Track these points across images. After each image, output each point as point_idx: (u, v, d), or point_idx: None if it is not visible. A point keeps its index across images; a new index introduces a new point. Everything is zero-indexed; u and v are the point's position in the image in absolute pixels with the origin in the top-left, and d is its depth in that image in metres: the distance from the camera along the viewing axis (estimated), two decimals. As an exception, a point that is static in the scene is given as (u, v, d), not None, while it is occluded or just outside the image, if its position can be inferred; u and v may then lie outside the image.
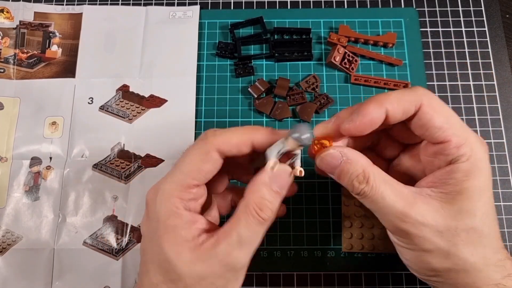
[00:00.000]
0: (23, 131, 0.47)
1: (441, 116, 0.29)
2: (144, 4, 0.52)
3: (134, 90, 0.48)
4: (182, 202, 0.29)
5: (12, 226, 0.44)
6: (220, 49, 0.50)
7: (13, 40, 0.50)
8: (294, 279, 0.42)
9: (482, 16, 0.51)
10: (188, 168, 0.30)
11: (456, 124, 0.29)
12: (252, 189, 0.29)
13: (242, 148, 0.30)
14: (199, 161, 0.30)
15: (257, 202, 0.28)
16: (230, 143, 0.30)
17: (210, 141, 0.30)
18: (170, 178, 0.30)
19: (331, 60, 0.48)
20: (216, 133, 0.30)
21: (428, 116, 0.29)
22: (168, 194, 0.29)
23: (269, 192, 0.29)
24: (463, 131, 0.29)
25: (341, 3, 0.52)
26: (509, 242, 0.43)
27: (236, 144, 0.30)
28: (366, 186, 0.29)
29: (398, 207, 0.28)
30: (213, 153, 0.30)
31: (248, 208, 0.28)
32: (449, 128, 0.29)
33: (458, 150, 0.28)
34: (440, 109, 0.29)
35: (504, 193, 0.44)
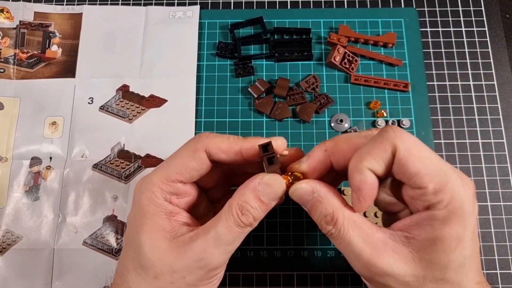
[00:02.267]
0: (23, 131, 0.47)
1: (417, 160, 0.26)
2: (144, 4, 0.52)
3: (134, 90, 0.48)
4: (163, 193, 0.30)
5: (12, 226, 0.44)
6: (220, 49, 0.50)
7: (13, 40, 0.50)
8: (294, 279, 0.42)
9: (482, 16, 0.51)
10: (174, 162, 0.30)
11: (434, 168, 0.26)
12: (239, 191, 0.29)
13: (230, 154, 0.30)
14: (186, 157, 0.30)
15: (240, 205, 0.28)
16: (219, 147, 0.30)
17: (201, 141, 0.30)
18: (156, 170, 0.31)
19: (331, 60, 0.48)
20: (209, 136, 0.30)
21: (402, 162, 0.26)
22: (150, 183, 0.30)
23: (255, 199, 0.28)
24: (442, 176, 0.26)
25: (341, 3, 0.52)
26: (509, 242, 0.43)
27: (225, 150, 0.30)
28: (333, 229, 0.28)
29: (365, 255, 0.27)
30: (201, 152, 0.30)
31: (230, 209, 0.28)
32: (426, 174, 0.26)
33: (435, 196, 0.26)
34: (416, 152, 0.26)
35: (504, 193, 0.44)
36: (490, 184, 0.45)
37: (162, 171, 0.30)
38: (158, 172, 0.30)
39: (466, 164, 0.45)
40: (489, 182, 0.45)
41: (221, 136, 0.31)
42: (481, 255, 0.42)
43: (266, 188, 0.29)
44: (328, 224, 0.28)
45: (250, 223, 0.29)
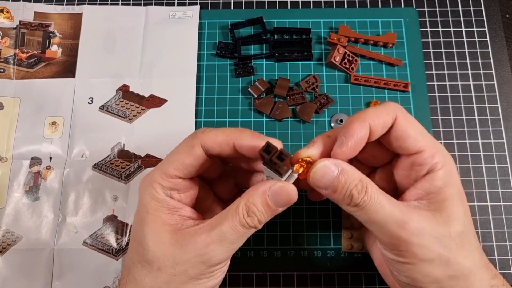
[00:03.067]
0: (23, 131, 0.47)
1: (414, 128, 0.30)
2: (144, 4, 0.52)
3: (134, 90, 0.48)
4: (163, 189, 0.31)
5: (12, 226, 0.44)
6: (220, 49, 0.50)
7: (13, 40, 0.50)
8: (294, 279, 0.42)
9: (482, 16, 0.51)
10: (172, 158, 0.31)
11: (427, 136, 0.31)
12: (249, 193, 0.29)
13: (224, 147, 0.31)
14: (183, 153, 0.31)
15: (247, 206, 0.29)
16: (214, 141, 0.31)
17: (197, 136, 0.31)
18: (157, 167, 0.32)
19: (331, 60, 0.48)
20: (205, 131, 0.31)
21: (403, 127, 0.30)
22: (151, 180, 0.31)
23: (263, 203, 0.29)
24: (433, 142, 0.31)
25: (341, 3, 0.52)
26: (509, 242, 0.43)
27: (219, 143, 0.31)
28: (365, 195, 0.28)
29: (398, 215, 0.28)
30: (197, 148, 0.31)
31: (238, 209, 0.29)
32: (422, 139, 0.30)
33: (432, 158, 0.30)
34: (413, 122, 0.31)
35: (504, 193, 0.44)
36: (490, 184, 0.45)
37: (161, 167, 0.31)
38: (158, 169, 0.31)
39: (466, 164, 0.45)
40: (489, 182, 0.45)
41: (216, 130, 0.31)
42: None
43: (275, 195, 0.29)
44: (360, 192, 0.28)
45: (255, 226, 0.29)
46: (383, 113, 0.30)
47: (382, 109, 0.30)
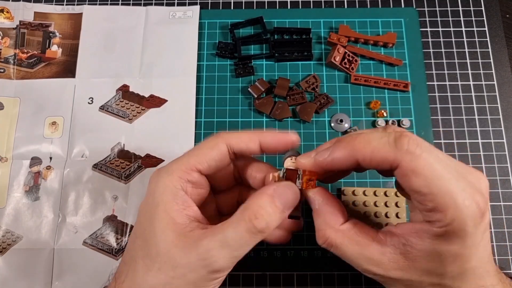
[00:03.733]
0: (23, 131, 0.47)
1: (421, 179, 0.25)
2: (144, 4, 0.52)
3: (134, 90, 0.48)
4: (180, 181, 0.30)
5: (12, 226, 0.44)
6: (220, 49, 0.50)
7: (13, 40, 0.50)
8: (294, 279, 0.42)
9: (482, 16, 0.51)
10: (194, 152, 0.31)
11: (438, 190, 0.25)
12: (254, 196, 0.29)
13: (250, 144, 0.31)
14: (206, 148, 0.31)
15: (254, 209, 0.28)
16: (239, 137, 0.31)
17: (221, 135, 0.31)
18: (175, 160, 0.31)
19: (331, 60, 0.48)
20: (229, 132, 0.32)
21: (406, 178, 0.25)
22: (169, 172, 0.30)
23: (270, 204, 0.28)
24: (447, 198, 0.25)
25: (341, 3, 0.52)
26: (509, 242, 0.43)
27: (245, 141, 0.31)
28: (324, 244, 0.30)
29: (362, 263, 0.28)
30: (221, 144, 0.31)
31: (244, 213, 0.28)
32: (429, 193, 0.25)
33: (433, 215, 0.25)
34: (424, 171, 0.25)
35: (504, 193, 0.44)
36: (490, 184, 0.45)
37: (179, 161, 0.31)
38: (177, 162, 0.31)
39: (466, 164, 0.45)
40: (489, 182, 0.45)
41: (240, 132, 0.32)
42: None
43: (283, 195, 0.28)
44: (320, 239, 0.30)
45: (263, 229, 0.27)
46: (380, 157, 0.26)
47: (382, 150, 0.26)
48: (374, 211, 0.43)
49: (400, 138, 0.26)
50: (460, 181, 0.25)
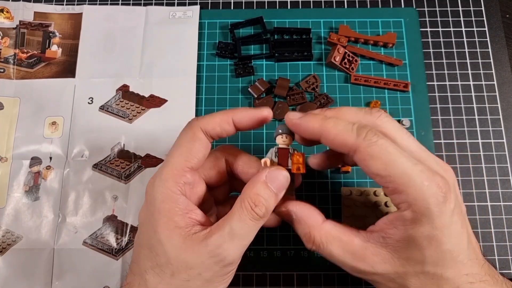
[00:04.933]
0: (23, 131, 0.47)
1: (378, 162, 0.27)
2: (144, 4, 0.52)
3: (134, 90, 0.48)
4: (178, 185, 0.30)
5: (12, 226, 0.44)
6: (220, 49, 0.50)
7: (13, 40, 0.50)
8: (294, 279, 0.42)
9: (482, 16, 0.51)
10: (178, 151, 0.31)
11: (395, 171, 0.27)
12: (249, 186, 0.30)
13: (225, 125, 0.31)
14: (187, 142, 0.31)
15: (252, 197, 0.29)
16: (213, 121, 0.31)
17: (193, 124, 0.31)
18: (164, 164, 0.31)
19: (331, 60, 0.48)
20: (199, 118, 0.32)
21: (364, 162, 0.28)
22: (164, 179, 0.30)
23: (265, 189, 0.29)
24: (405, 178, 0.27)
25: (341, 3, 0.52)
26: (509, 242, 0.43)
27: (219, 123, 0.31)
28: (312, 246, 0.31)
29: (348, 262, 0.30)
30: (198, 133, 0.31)
31: (243, 203, 0.29)
32: (386, 175, 0.27)
33: (398, 197, 0.27)
34: (379, 155, 0.27)
35: (504, 193, 0.44)
36: (490, 184, 0.45)
37: (169, 163, 0.31)
38: (166, 167, 0.30)
39: (466, 164, 0.45)
40: (489, 182, 0.45)
41: (209, 114, 0.32)
42: (481, 255, 0.42)
43: (274, 179, 0.30)
44: (307, 242, 0.31)
45: (264, 214, 0.29)
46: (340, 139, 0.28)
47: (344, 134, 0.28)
48: (374, 211, 0.43)
49: (361, 128, 0.28)
50: (418, 165, 0.27)
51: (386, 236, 0.28)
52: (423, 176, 0.27)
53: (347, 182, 0.45)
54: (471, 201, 0.44)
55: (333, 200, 0.44)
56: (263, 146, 0.46)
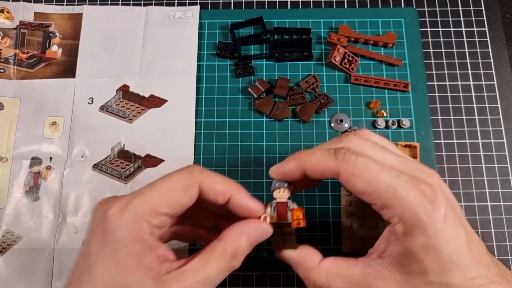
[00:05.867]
0: (23, 131, 0.47)
1: (362, 180, 0.28)
2: (144, 4, 0.52)
3: (134, 90, 0.48)
4: (150, 227, 0.28)
5: (12, 226, 0.44)
6: (220, 49, 0.50)
7: (13, 40, 0.50)
8: (294, 279, 0.42)
9: (482, 16, 0.51)
10: (166, 195, 0.28)
11: (380, 186, 0.27)
12: (232, 237, 0.30)
13: (219, 197, 0.30)
14: (179, 192, 0.29)
15: (234, 251, 0.29)
16: (213, 188, 0.30)
17: (196, 176, 0.29)
18: (141, 197, 0.28)
19: (331, 60, 0.48)
20: (204, 172, 0.30)
21: (349, 182, 0.28)
22: (138, 216, 0.27)
23: (248, 244, 0.30)
24: (391, 192, 0.27)
25: (341, 3, 0.52)
26: (509, 242, 0.43)
27: (217, 192, 0.30)
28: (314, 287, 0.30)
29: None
30: (194, 188, 0.29)
31: (224, 253, 0.29)
32: (373, 191, 0.27)
33: (387, 212, 0.28)
34: (361, 172, 0.28)
35: (504, 193, 0.44)
36: (490, 184, 0.45)
37: (149, 200, 0.28)
38: (144, 201, 0.28)
39: (466, 164, 0.45)
40: (489, 182, 0.45)
41: (214, 176, 0.30)
42: (481, 255, 0.42)
43: (257, 233, 0.30)
44: (309, 286, 0.31)
45: (239, 265, 0.30)
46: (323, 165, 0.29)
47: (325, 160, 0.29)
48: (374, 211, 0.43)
49: (338, 150, 0.29)
50: (401, 176, 0.27)
51: (384, 256, 0.28)
52: (407, 187, 0.27)
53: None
54: (471, 201, 0.44)
55: (333, 200, 0.44)
56: (263, 146, 0.46)
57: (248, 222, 0.30)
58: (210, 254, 0.29)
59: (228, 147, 0.46)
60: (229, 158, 0.46)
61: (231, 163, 0.46)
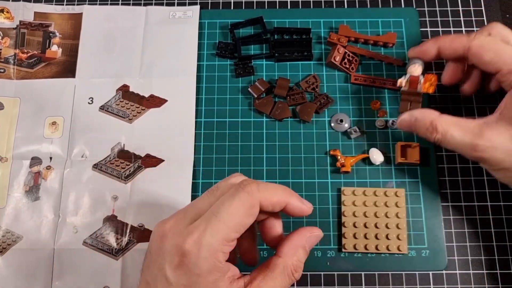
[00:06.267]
0: (23, 131, 0.47)
1: (490, 52, 0.36)
2: (144, 4, 0.52)
3: (134, 90, 0.48)
4: (224, 255, 0.29)
5: (12, 226, 0.44)
6: (220, 49, 0.50)
7: (13, 40, 0.50)
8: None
9: (482, 16, 0.51)
10: (233, 221, 0.28)
11: (506, 55, 0.36)
12: (290, 252, 0.31)
13: (277, 207, 0.31)
14: (244, 215, 0.29)
15: (295, 265, 0.30)
16: (271, 200, 0.30)
17: (255, 195, 0.29)
18: (212, 229, 0.28)
19: (331, 60, 0.48)
20: (260, 188, 0.30)
21: (477, 55, 0.37)
22: (214, 249, 0.28)
23: (305, 255, 0.31)
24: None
25: (341, 3, 0.52)
26: (509, 242, 0.43)
27: (274, 203, 0.30)
28: (437, 134, 0.37)
29: (467, 140, 0.36)
30: (256, 208, 0.29)
31: (286, 270, 0.30)
32: (498, 60, 0.36)
33: (510, 76, 0.35)
34: (490, 47, 0.37)
35: (504, 193, 0.44)
36: (490, 184, 0.45)
37: (220, 232, 0.28)
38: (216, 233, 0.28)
39: (466, 164, 0.45)
40: (489, 182, 0.45)
41: (268, 187, 0.30)
42: (481, 255, 0.42)
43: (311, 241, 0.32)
44: (432, 133, 0.37)
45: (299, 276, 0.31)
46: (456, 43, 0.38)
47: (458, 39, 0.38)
48: (374, 211, 0.43)
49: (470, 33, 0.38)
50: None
51: (502, 115, 0.35)
52: None
53: (347, 182, 0.45)
54: (471, 201, 0.44)
55: (333, 200, 0.44)
56: (263, 146, 0.46)
57: (300, 234, 0.32)
58: (273, 271, 0.30)
59: (228, 147, 0.46)
60: (229, 158, 0.46)
61: (231, 163, 0.46)
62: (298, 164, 0.46)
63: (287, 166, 0.46)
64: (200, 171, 0.46)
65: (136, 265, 0.42)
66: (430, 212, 0.43)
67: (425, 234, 0.43)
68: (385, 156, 0.45)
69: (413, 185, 0.44)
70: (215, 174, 0.46)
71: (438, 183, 0.44)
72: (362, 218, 0.43)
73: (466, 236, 0.43)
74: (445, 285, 0.42)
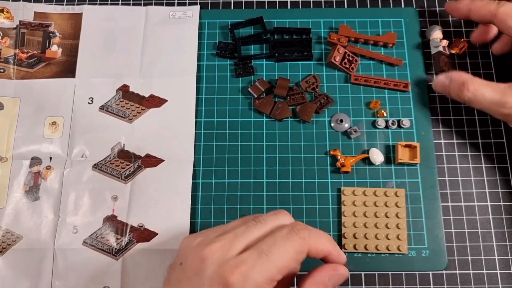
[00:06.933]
0: (23, 131, 0.47)
1: None
2: (144, 4, 0.52)
3: (134, 90, 0.48)
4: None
5: (12, 226, 0.44)
6: (220, 49, 0.50)
7: (13, 40, 0.50)
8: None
9: (482, 16, 0.51)
10: (281, 264, 0.29)
11: None
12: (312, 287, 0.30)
13: (320, 255, 0.31)
14: (292, 259, 0.29)
15: None
16: (317, 248, 0.31)
17: (306, 241, 0.30)
18: (261, 267, 0.29)
19: (331, 60, 0.48)
20: (311, 234, 0.30)
21: (503, 21, 0.40)
22: (258, 286, 0.28)
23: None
24: None
25: (341, 3, 0.52)
26: (509, 242, 0.43)
27: (319, 251, 0.31)
28: (468, 93, 0.40)
29: (497, 98, 0.39)
30: (304, 254, 0.30)
31: None
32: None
33: None
34: None
35: (504, 193, 0.44)
36: (490, 184, 0.45)
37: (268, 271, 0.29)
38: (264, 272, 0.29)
39: (466, 164, 0.45)
40: (489, 182, 0.45)
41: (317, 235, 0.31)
42: (481, 255, 0.42)
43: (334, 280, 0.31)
44: (463, 92, 0.40)
45: None
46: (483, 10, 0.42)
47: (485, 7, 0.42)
48: (374, 211, 0.43)
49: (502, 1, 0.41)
50: None
51: None
52: None
53: (347, 182, 0.45)
54: (471, 201, 0.44)
55: (333, 200, 0.44)
56: (263, 146, 0.46)
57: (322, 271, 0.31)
58: None
59: (228, 147, 0.46)
60: (229, 158, 0.46)
61: (231, 163, 0.46)
62: (298, 164, 0.46)
63: (287, 166, 0.46)
64: (200, 171, 0.46)
65: (136, 265, 0.42)
66: (430, 212, 0.43)
67: (425, 234, 0.43)
68: (385, 156, 0.45)
69: (413, 185, 0.44)
70: (215, 174, 0.46)
71: (438, 183, 0.44)
72: (362, 218, 0.43)
73: (466, 236, 0.43)
74: (445, 285, 0.42)
